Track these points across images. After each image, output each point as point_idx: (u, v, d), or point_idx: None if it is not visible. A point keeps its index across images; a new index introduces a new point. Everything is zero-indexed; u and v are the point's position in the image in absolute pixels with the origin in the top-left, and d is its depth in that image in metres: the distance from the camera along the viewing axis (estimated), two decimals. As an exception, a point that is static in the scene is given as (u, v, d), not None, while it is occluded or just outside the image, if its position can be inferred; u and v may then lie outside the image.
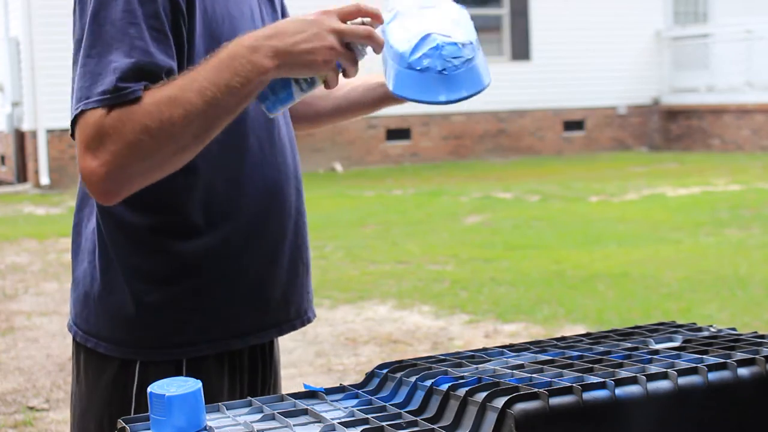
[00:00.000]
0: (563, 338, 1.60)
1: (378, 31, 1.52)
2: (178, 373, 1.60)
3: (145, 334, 1.60)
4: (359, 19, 1.51)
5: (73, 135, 1.48)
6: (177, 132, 1.43)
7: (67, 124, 1.54)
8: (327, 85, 1.51)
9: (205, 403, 1.31)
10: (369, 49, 1.53)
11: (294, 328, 1.73)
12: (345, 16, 1.49)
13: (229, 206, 1.62)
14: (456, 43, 1.51)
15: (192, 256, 1.60)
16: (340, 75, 1.52)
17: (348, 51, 1.48)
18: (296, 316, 1.73)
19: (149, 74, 1.45)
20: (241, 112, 1.49)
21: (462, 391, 1.26)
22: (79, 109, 1.44)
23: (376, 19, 1.52)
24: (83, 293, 1.65)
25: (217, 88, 1.42)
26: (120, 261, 1.60)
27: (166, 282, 1.60)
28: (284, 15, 1.83)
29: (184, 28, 1.52)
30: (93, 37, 1.46)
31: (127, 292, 1.60)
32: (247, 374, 1.71)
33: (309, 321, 1.77)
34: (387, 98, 1.84)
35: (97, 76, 1.44)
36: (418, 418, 1.26)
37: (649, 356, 1.41)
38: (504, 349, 1.53)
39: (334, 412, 1.34)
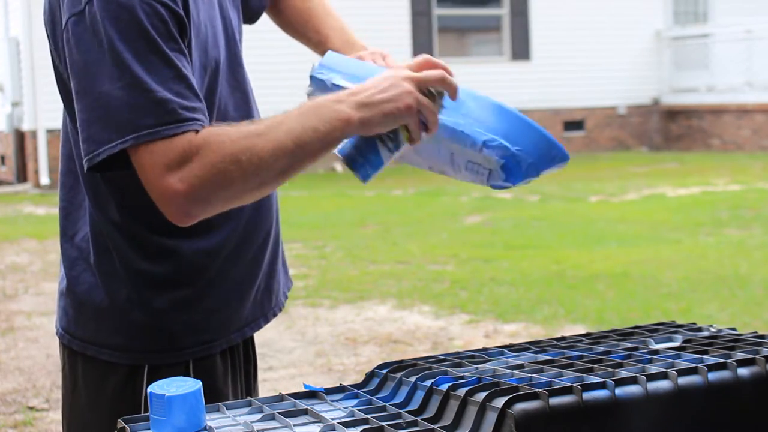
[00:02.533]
0: (563, 338, 1.60)
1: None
2: (186, 374, 1.60)
3: (154, 338, 1.60)
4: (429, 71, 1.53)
5: (109, 164, 1.44)
6: (264, 166, 1.44)
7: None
8: (411, 141, 1.51)
9: (213, 399, 1.31)
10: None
11: (275, 314, 1.78)
12: (416, 68, 1.52)
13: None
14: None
15: (195, 258, 1.60)
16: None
17: (426, 98, 1.49)
18: (275, 304, 1.78)
19: (198, 110, 1.45)
20: (320, 158, 1.51)
21: (462, 391, 1.26)
22: (165, 134, 1.40)
23: (446, 70, 1.53)
24: (79, 301, 1.63)
25: (304, 130, 1.44)
26: (123, 267, 1.59)
27: (173, 285, 1.60)
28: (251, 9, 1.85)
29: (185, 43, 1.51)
30: (128, 67, 1.41)
31: (133, 298, 1.59)
32: (242, 365, 1.74)
33: (283, 307, 1.81)
34: None
35: (162, 104, 1.41)
36: (418, 418, 1.26)
37: (649, 356, 1.41)
38: (504, 349, 1.54)
39: (334, 412, 1.34)
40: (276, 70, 13.99)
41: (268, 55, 13.24)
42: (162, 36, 1.43)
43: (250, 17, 1.88)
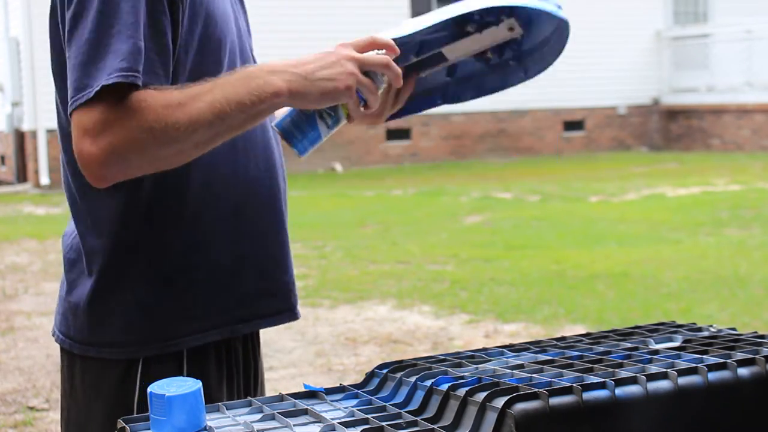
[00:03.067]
0: (563, 338, 1.60)
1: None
2: (179, 367, 1.61)
3: (146, 331, 1.60)
4: (374, 51, 1.55)
5: (71, 109, 1.48)
6: (180, 137, 1.45)
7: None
8: (350, 118, 1.54)
9: (205, 396, 1.31)
10: None
11: (280, 321, 1.74)
12: (361, 48, 1.53)
13: (211, 198, 1.62)
14: None
15: (188, 253, 1.61)
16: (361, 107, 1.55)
17: (368, 79, 1.51)
18: (279, 309, 1.74)
19: (149, 71, 1.47)
20: (249, 128, 1.52)
21: (462, 391, 1.26)
22: (95, 89, 1.43)
23: (391, 50, 1.56)
24: (74, 304, 1.64)
25: (228, 103, 1.45)
26: (116, 265, 1.59)
27: (164, 278, 1.60)
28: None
29: (180, 14, 1.52)
30: (102, 18, 1.45)
31: (125, 296, 1.60)
32: (242, 368, 1.72)
33: (296, 317, 1.77)
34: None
35: (104, 58, 1.44)
36: (418, 418, 1.26)
37: (649, 356, 1.41)
38: (504, 349, 1.54)
39: (334, 412, 1.34)
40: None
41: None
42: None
43: None
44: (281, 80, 1.46)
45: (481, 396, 1.23)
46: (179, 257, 1.61)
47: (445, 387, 1.29)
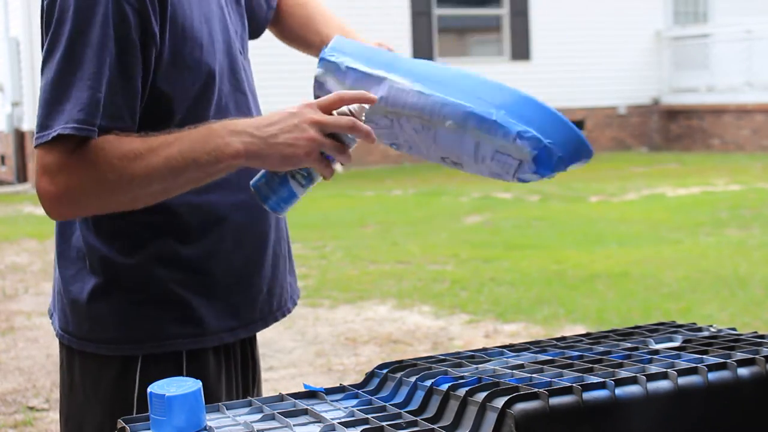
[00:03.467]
0: (563, 338, 1.60)
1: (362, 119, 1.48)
2: (178, 367, 1.61)
3: (146, 329, 1.62)
4: (345, 108, 1.48)
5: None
6: (134, 188, 1.48)
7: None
8: (324, 177, 1.50)
9: (204, 397, 1.31)
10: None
11: (276, 319, 1.77)
12: (327, 107, 1.47)
13: (220, 208, 1.63)
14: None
15: (187, 258, 1.62)
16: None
17: (333, 141, 1.46)
18: (278, 308, 1.77)
19: (112, 115, 1.48)
20: (202, 183, 1.52)
21: (462, 391, 1.26)
22: (53, 134, 1.45)
23: (365, 101, 1.49)
24: (72, 300, 1.65)
25: (185, 160, 1.45)
26: (117, 264, 1.61)
27: (165, 281, 1.61)
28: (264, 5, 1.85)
29: (154, 50, 1.52)
30: (67, 62, 1.47)
31: (125, 294, 1.61)
32: (240, 368, 1.73)
33: (289, 311, 1.80)
34: None
35: (63, 103, 1.46)
36: (418, 418, 1.26)
37: (649, 356, 1.41)
38: (504, 349, 1.54)
39: (334, 412, 1.34)
40: (279, 70, 14.00)
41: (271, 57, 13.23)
42: (106, 36, 1.46)
43: (255, 31, 1.88)
44: (240, 142, 1.45)
45: (481, 396, 1.23)
46: (179, 262, 1.62)
47: (445, 387, 1.29)
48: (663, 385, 1.28)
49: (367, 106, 1.49)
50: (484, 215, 10.55)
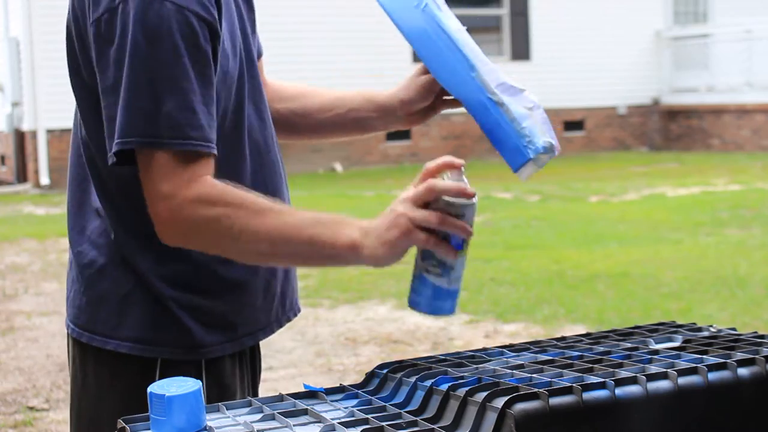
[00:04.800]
0: (563, 338, 1.60)
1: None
2: (198, 373, 1.61)
3: (171, 333, 1.61)
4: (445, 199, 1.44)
5: (123, 158, 1.49)
6: (242, 242, 1.50)
7: (65, 124, 1.55)
8: (447, 255, 1.47)
9: (225, 396, 1.31)
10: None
11: (288, 320, 1.77)
12: (418, 201, 1.45)
13: None
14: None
15: (209, 264, 1.61)
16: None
17: (429, 237, 1.44)
18: (290, 308, 1.77)
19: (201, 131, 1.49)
20: (308, 266, 1.61)
21: (462, 391, 1.26)
22: (200, 146, 1.47)
23: (451, 167, 1.46)
24: (96, 296, 1.63)
25: (305, 234, 1.49)
26: (145, 268, 1.60)
27: (190, 287, 1.61)
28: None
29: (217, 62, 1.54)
30: (144, 78, 1.46)
31: (153, 294, 1.60)
32: (249, 369, 1.74)
33: (299, 311, 1.81)
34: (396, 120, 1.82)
35: (180, 119, 1.46)
36: (418, 418, 1.26)
37: (649, 356, 1.41)
38: (504, 349, 1.54)
39: (334, 412, 1.34)
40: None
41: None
42: (190, 51, 1.46)
43: None
44: (357, 233, 1.47)
45: (481, 396, 1.23)
46: (204, 270, 1.62)
47: (445, 387, 1.29)
48: (663, 385, 1.28)
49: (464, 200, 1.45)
50: (484, 215, 10.55)
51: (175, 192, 1.47)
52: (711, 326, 1.62)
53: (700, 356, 1.39)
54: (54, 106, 13.88)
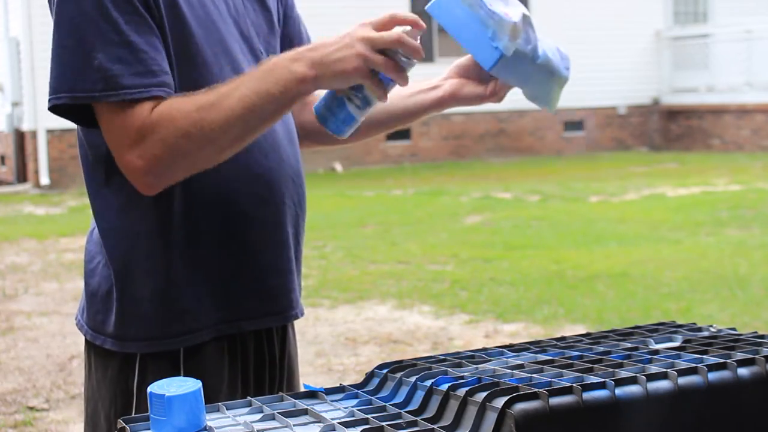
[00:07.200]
0: (563, 338, 1.59)
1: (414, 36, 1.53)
2: (175, 363, 1.62)
3: (144, 327, 1.63)
4: (398, 28, 1.53)
5: (66, 114, 1.53)
6: (216, 136, 1.50)
7: (67, 124, 1.57)
8: (379, 98, 1.53)
9: (204, 392, 1.31)
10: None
11: (296, 317, 1.76)
12: (379, 27, 1.52)
13: (217, 193, 1.63)
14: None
15: (182, 246, 1.62)
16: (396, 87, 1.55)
17: (386, 59, 1.50)
18: (284, 308, 1.74)
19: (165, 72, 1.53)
20: (281, 118, 1.57)
21: (462, 391, 1.26)
22: (144, 93, 1.50)
23: (416, 26, 1.54)
24: (90, 293, 1.68)
25: (258, 96, 1.49)
26: (119, 257, 1.63)
27: (161, 274, 1.62)
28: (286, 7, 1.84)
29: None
30: (93, 29, 1.50)
31: (128, 287, 1.62)
32: (252, 365, 1.71)
33: (302, 313, 1.79)
34: (430, 106, 1.86)
35: (126, 66, 1.50)
36: (418, 418, 1.26)
37: (649, 356, 1.40)
38: (504, 349, 1.53)
39: (334, 412, 1.34)
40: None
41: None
42: (117, 2, 1.50)
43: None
44: (303, 66, 1.49)
45: (481, 396, 1.23)
46: (179, 259, 1.62)
47: (445, 387, 1.29)
48: (663, 385, 1.28)
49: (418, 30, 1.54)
50: (484, 215, 10.55)
51: (134, 137, 1.50)
52: (711, 326, 1.62)
53: (700, 356, 1.39)
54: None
